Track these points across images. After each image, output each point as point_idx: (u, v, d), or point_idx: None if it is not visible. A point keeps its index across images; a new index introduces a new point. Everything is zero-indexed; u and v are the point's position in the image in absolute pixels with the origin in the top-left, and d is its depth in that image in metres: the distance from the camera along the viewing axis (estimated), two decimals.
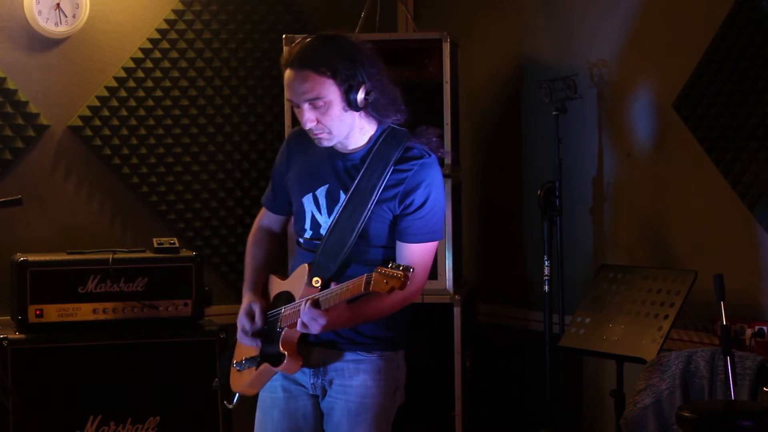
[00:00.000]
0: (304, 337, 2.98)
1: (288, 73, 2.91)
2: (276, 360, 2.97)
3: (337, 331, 2.97)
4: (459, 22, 5.09)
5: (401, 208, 2.94)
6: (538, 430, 4.43)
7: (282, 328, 2.97)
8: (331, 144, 2.97)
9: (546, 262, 4.34)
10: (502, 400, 4.98)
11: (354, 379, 2.98)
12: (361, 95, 2.90)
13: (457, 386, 4.44)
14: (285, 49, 2.96)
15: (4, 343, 4.11)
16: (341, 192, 2.98)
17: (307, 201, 3.03)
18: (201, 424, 4.28)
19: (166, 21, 4.82)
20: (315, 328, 2.84)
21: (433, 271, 4.43)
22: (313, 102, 2.88)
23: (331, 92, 2.88)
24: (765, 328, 3.79)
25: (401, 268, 2.67)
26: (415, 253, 2.94)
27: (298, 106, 2.92)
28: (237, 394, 3.15)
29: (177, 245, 4.44)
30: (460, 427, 4.46)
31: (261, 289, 3.13)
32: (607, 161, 4.53)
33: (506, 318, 4.98)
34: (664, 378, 3.73)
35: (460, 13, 5.16)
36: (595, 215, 4.59)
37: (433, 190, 2.95)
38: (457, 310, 4.42)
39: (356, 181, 2.95)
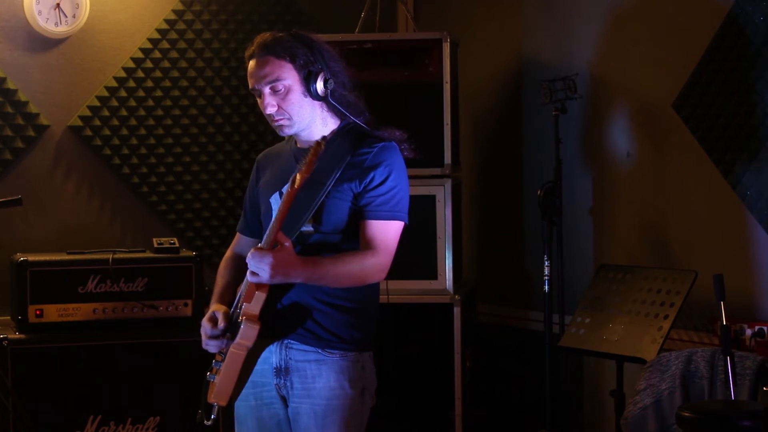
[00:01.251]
0: (267, 319, 2.89)
1: (249, 64, 3.00)
2: (235, 335, 2.90)
3: (297, 321, 2.93)
4: (459, 22, 5.09)
5: (362, 186, 2.94)
6: (538, 430, 4.43)
7: (241, 307, 2.92)
8: (292, 132, 3.01)
9: (546, 262, 4.34)
10: (502, 400, 4.98)
11: (317, 381, 2.95)
12: (320, 83, 2.96)
13: (457, 386, 4.44)
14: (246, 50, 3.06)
15: (4, 343, 4.11)
16: None
17: (274, 200, 3.05)
18: (201, 425, 4.27)
19: (166, 21, 4.82)
20: (265, 273, 2.80)
21: (433, 271, 4.44)
22: (273, 85, 2.95)
23: (290, 76, 2.96)
24: (765, 328, 3.79)
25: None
26: (376, 229, 2.93)
27: (260, 95, 2.98)
28: (215, 406, 3.06)
29: (177, 245, 4.44)
30: (460, 427, 4.46)
31: (228, 302, 3.11)
32: (607, 161, 4.53)
33: (506, 318, 4.98)
34: (664, 378, 3.73)
35: (460, 13, 5.16)
36: (595, 215, 4.59)
37: (395, 170, 2.96)
38: (457, 310, 4.42)
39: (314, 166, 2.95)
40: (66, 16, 4.55)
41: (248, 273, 2.86)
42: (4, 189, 4.42)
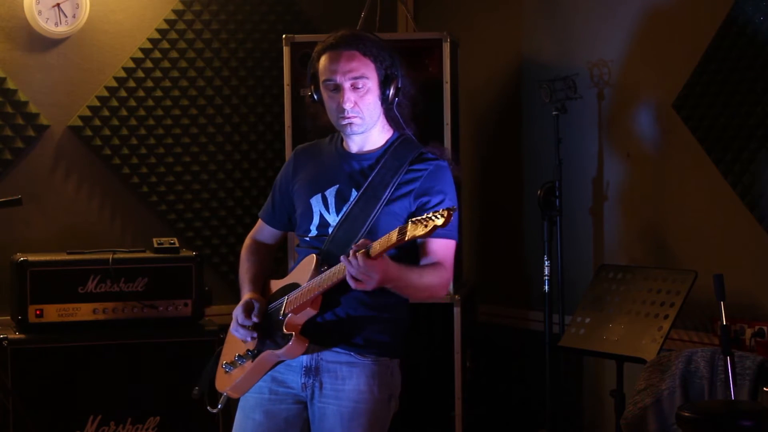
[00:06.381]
0: (305, 328, 2.91)
1: (331, 55, 2.95)
2: (280, 342, 2.88)
3: (334, 329, 2.93)
4: (459, 22, 5.09)
5: (417, 204, 2.94)
6: (538, 430, 4.43)
7: (285, 315, 2.91)
8: (359, 131, 2.99)
9: (546, 262, 4.34)
10: (502, 400, 4.98)
11: (347, 383, 2.94)
12: (393, 90, 2.98)
13: (457, 386, 4.44)
14: (322, 41, 3.01)
15: (4, 343, 4.11)
16: (353, 190, 2.98)
17: (316, 201, 3.02)
18: (201, 424, 4.27)
19: (166, 21, 4.82)
20: (372, 282, 2.73)
21: None
22: (355, 82, 2.93)
23: (373, 76, 2.96)
24: (765, 328, 3.79)
25: (439, 210, 2.63)
26: (438, 247, 2.94)
27: (337, 88, 2.94)
28: (224, 395, 3.06)
29: (177, 245, 4.44)
30: (460, 427, 4.46)
31: (260, 291, 3.09)
32: (607, 161, 4.53)
33: (506, 318, 4.98)
34: (664, 378, 3.73)
35: (460, 13, 5.16)
36: (595, 215, 4.59)
37: (449, 191, 2.98)
38: (457, 310, 4.42)
39: (370, 178, 2.96)
40: (66, 16, 4.55)
41: (349, 278, 2.75)
42: (4, 189, 4.42)
